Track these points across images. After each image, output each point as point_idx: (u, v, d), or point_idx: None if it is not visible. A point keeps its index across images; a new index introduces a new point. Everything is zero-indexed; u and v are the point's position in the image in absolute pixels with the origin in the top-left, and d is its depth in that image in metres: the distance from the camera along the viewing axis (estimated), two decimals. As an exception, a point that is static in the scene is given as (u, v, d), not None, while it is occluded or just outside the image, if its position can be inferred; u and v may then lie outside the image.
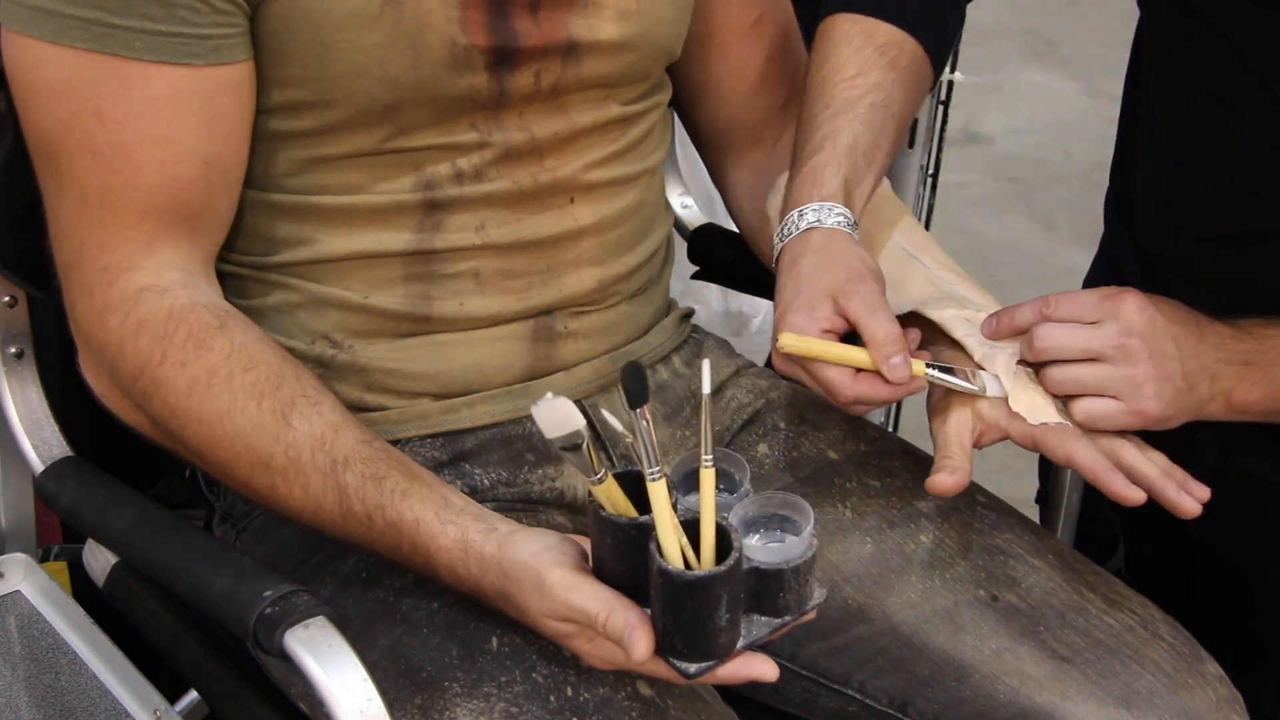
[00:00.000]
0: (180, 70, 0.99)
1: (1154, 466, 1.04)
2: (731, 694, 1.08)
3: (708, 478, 0.89)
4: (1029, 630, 1.09)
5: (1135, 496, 1.03)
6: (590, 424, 0.89)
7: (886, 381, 1.04)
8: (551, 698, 0.99)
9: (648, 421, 0.88)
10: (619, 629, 0.88)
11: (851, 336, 1.07)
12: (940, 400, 1.09)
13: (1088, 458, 1.04)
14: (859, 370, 1.05)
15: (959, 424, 1.07)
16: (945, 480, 1.04)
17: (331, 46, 1.02)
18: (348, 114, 1.05)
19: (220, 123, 1.02)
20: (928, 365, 1.07)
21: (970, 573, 1.12)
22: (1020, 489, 1.22)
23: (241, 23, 1.00)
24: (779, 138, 1.29)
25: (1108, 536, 1.40)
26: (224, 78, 1.01)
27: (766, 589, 0.90)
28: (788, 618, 0.92)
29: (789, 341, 1.04)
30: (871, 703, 1.11)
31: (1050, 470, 1.35)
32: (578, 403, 1.14)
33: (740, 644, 0.90)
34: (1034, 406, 1.07)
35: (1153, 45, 1.25)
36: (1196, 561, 1.37)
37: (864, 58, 1.16)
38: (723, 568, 0.87)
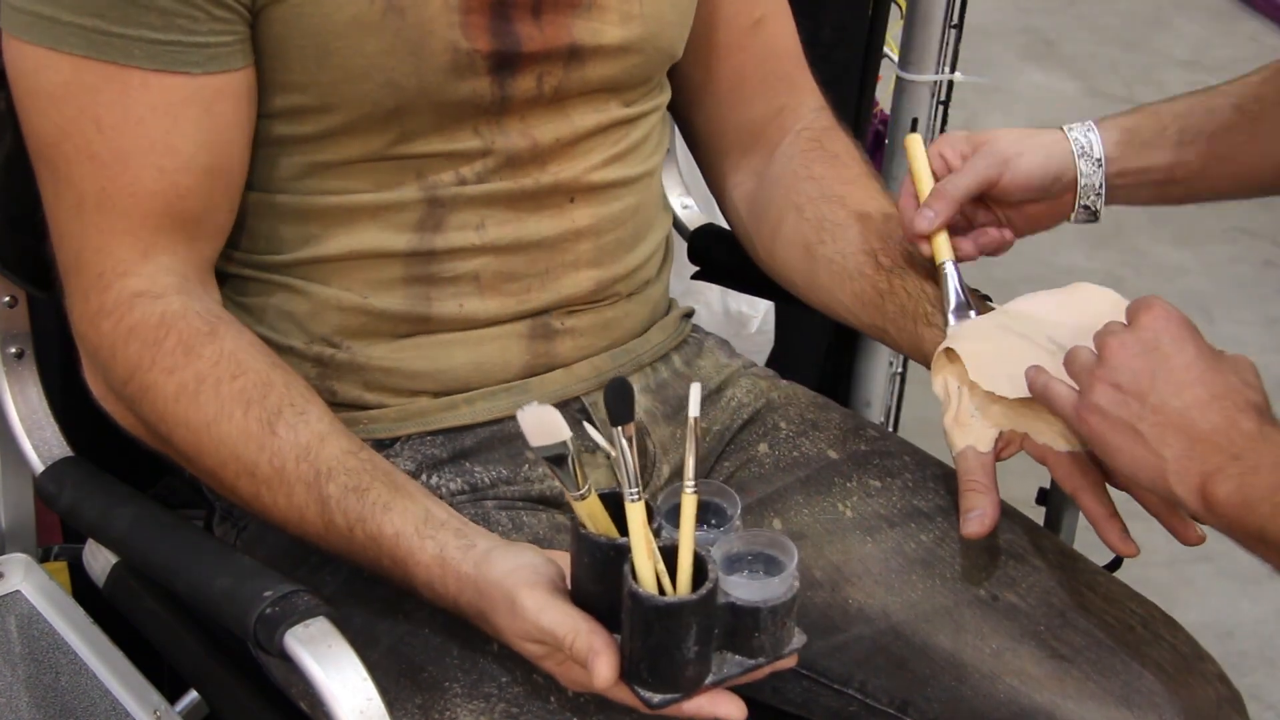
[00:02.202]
0: (178, 78, 0.99)
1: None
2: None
3: (689, 504, 0.88)
4: (1029, 630, 1.09)
5: (1129, 550, 1.03)
6: (580, 432, 0.88)
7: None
8: (552, 698, 0.99)
9: (630, 441, 0.87)
10: (583, 652, 0.87)
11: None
12: (958, 415, 1.09)
13: (1090, 501, 1.05)
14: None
15: (980, 442, 1.08)
16: (973, 528, 1.05)
17: (333, 52, 1.02)
18: (350, 119, 1.05)
19: (220, 130, 1.02)
20: (948, 262, 1.14)
21: (970, 572, 1.12)
22: (1020, 489, 1.21)
23: (241, 30, 1.00)
24: (779, 142, 1.28)
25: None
26: (223, 85, 1.01)
27: (741, 627, 0.89)
28: (762, 660, 0.90)
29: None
30: (871, 702, 1.11)
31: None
32: (576, 401, 1.16)
33: (709, 680, 0.89)
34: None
35: None
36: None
37: None
38: (694, 596, 0.85)
